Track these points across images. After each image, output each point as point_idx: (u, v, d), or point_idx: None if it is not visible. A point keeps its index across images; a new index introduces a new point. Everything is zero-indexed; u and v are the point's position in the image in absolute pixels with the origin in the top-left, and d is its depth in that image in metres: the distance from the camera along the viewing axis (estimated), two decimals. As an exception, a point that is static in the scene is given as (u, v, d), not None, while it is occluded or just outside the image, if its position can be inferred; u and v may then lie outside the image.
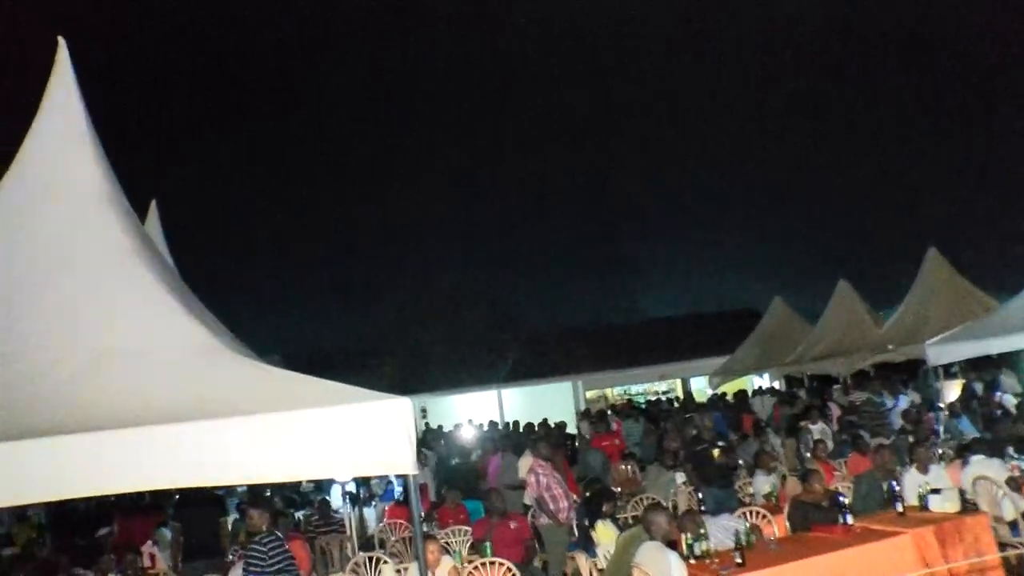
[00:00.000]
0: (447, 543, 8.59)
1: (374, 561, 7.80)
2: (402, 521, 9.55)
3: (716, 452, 8.82)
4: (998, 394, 12.84)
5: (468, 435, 16.01)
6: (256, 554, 6.14)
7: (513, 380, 23.40)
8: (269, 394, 4.81)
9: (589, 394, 24.63)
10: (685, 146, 54.62)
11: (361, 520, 9.40)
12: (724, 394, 19.77)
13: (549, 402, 22.25)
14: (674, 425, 12.23)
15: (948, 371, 14.57)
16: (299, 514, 11.21)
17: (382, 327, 27.06)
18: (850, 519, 6.71)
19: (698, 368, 23.81)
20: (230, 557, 8.46)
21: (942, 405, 13.28)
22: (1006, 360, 15.09)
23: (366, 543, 9.23)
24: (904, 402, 12.85)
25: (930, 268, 15.26)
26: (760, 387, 18.71)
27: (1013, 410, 11.65)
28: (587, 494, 9.03)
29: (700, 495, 8.55)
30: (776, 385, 19.73)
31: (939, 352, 11.38)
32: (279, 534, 6.55)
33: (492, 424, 18.10)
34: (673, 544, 6.11)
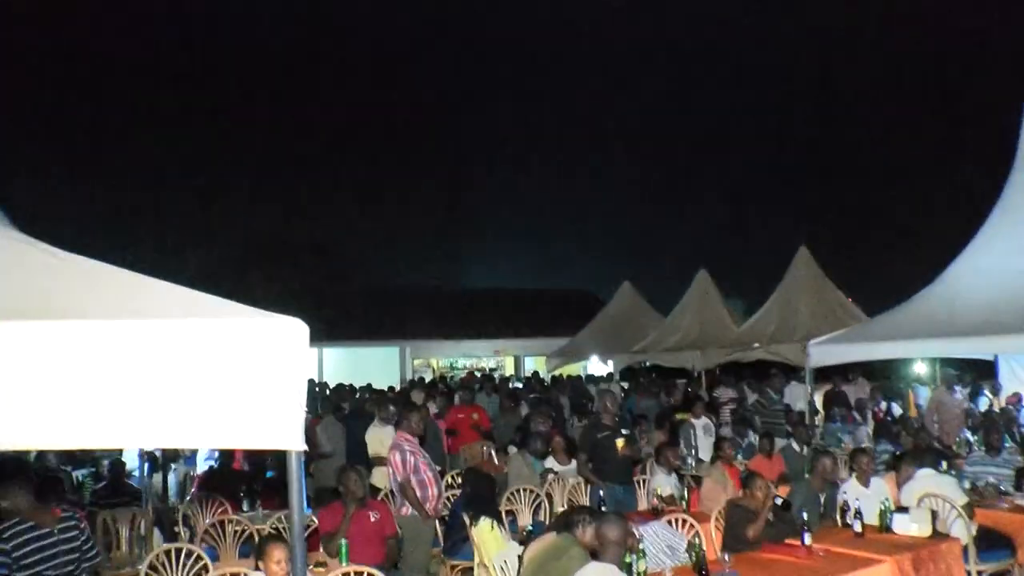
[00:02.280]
0: (275, 528, 6.68)
1: (183, 555, 5.70)
2: (220, 499, 7.43)
3: (620, 442, 7.39)
4: (882, 403, 12.36)
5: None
6: None
7: (337, 339, 21.22)
8: (77, 293, 2.83)
9: (416, 362, 22.95)
10: (547, 123, 53.78)
11: (165, 491, 7.18)
12: (563, 375, 18.76)
13: (373, 366, 20.40)
14: (555, 405, 10.70)
15: (799, 377, 14.06)
16: (79, 474, 8.68)
17: (198, 263, 24.06)
18: (808, 539, 5.51)
19: (534, 347, 22.75)
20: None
21: (801, 408, 12.70)
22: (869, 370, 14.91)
23: (165, 520, 7.05)
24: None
25: (799, 267, 14.67)
26: (609, 374, 17.71)
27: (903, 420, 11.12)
28: (465, 484, 7.28)
29: (601, 493, 7.10)
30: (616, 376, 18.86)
31: (822, 353, 10.75)
32: (35, 518, 4.61)
33: (311, 383, 16.00)
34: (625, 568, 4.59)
